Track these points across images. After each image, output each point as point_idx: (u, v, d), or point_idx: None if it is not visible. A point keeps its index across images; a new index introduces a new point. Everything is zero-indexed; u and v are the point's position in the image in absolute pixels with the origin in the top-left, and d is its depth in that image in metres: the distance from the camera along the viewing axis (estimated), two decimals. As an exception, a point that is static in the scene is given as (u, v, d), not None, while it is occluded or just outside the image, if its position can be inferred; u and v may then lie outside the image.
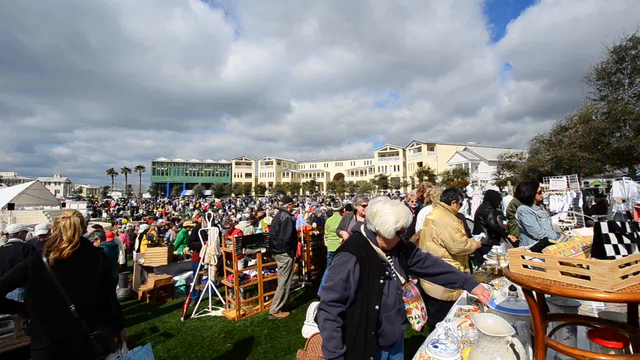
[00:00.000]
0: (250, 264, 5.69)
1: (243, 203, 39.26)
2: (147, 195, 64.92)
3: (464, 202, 8.21)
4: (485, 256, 3.11)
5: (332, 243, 5.97)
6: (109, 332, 2.06)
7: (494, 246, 3.32)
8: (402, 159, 63.20)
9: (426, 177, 46.53)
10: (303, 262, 6.94)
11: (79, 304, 1.96)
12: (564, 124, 19.10)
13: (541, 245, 1.15)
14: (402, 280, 1.69)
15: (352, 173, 70.15)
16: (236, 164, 78.15)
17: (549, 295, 1.30)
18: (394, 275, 1.67)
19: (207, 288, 5.42)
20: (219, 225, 6.36)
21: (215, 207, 32.65)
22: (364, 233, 1.74)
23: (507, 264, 2.55)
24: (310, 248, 7.04)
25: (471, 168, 44.94)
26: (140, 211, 32.49)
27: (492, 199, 4.84)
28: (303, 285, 6.58)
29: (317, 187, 66.37)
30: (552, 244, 1.14)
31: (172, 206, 37.68)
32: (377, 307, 1.56)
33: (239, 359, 3.70)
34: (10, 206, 20.36)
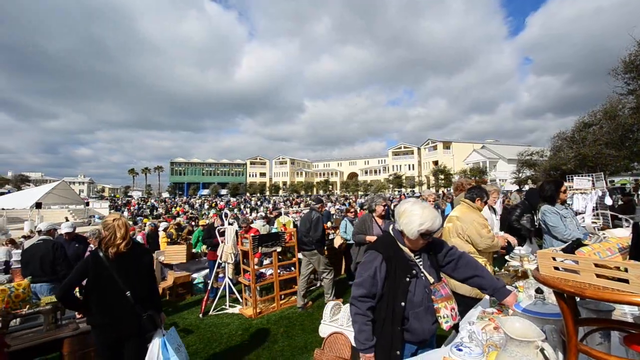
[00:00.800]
0: (265, 262, 5.74)
1: (258, 202, 39.69)
2: (165, 195, 66.64)
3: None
4: (507, 257, 3.02)
5: None
6: (156, 314, 2.45)
7: (516, 247, 3.21)
8: (417, 157, 62.25)
9: (442, 176, 45.66)
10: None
11: (133, 291, 2.34)
12: (587, 120, 18.32)
13: (573, 246, 1.10)
14: (431, 279, 1.71)
15: (366, 172, 69.65)
16: (251, 163, 79.09)
17: (579, 299, 1.26)
18: (421, 274, 1.70)
19: (225, 286, 5.51)
20: (236, 223, 6.45)
21: (230, 207, 33.17)
22: (392, 232, 1.78)
23: (532, 266, 2.47)
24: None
25: (489, 166, 43.79)
26: (160, 210, 33.39)
27: (529, 198, 4.53)
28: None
29: (330, 186, 66.30)
30: (585, 245, 1.09)
31: (188, 205, 38.55)
32: (402, 303, 1.62)
33: (257, 356, 3.74)
34: (38, 205, 21.37)
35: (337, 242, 7.03)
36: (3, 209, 21.77)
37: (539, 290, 1.74)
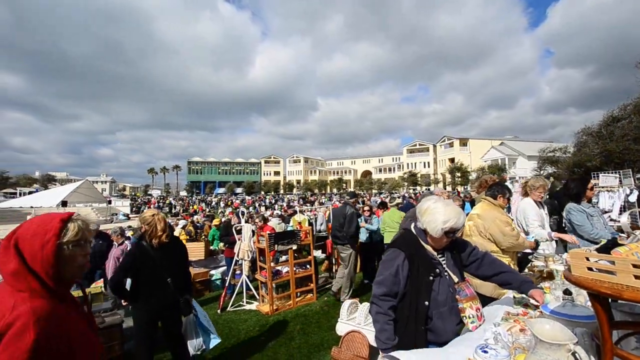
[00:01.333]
0: (280, 260, 5.78)
1: (272, 200, 40.06)
2: (183, 193, 68.23)
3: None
4: (531, 257, 2.93)
5: (389, 236, 6.09)
6: (190, 298, 2.80)
7: (540, 247, 3.10)
8: (433, 155, 61.16)
9: (459, 174, 44.70)
10: (333, 260, 6.95)
11: (173, 277, 2.66)
12: (615, 114, 17.50)
13: (608, 246, 1.05)
14: (455, 279, 1.68)
15: (380, 170, 69.04)
16: (265, 162, 79.83)
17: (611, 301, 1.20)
18: (445, 273, 1.67)
19: (242, 283, 5.59)
20: (253, 218, 6.54)
21: (246, 205, 33.63)
22: (413, 230, 1.74)
23: (557, 266, 2.38)
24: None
25: (508, 164, 42.48)
26: (178, 208, 34.24)
27: (559, 199, 4.00)
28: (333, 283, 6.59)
29: (344, 184, 66.08)
30: (622, 244, 1.04)
31: (204, 203, 39.39)
32: (426, 302, 1.59)
33: (274, 352, 3.78)
34: (64, 203, 22.33)
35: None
36: (32, 207, 22.87)
37: (567, 292, 1.67)
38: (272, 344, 4.00)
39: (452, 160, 53.29)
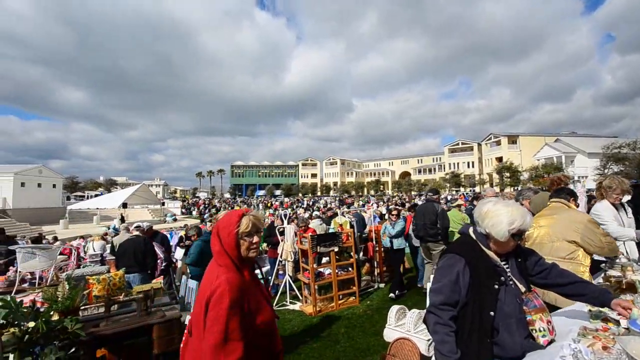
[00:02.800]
0: (322, 261, 5.80)
1: (310, 202, 40.57)
2: (227, 195, 71.73)
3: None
4: (603, 266, 2.63)
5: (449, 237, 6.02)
6: None
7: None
8: (477, 154, 57.72)
9: (507, 174, 41.71)
10: (375, 263, 6.84)
11: None
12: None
13: None
14: (522, 288, 1.54)
15: (419, 171, 66.69)
16: (302, 165, 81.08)
17: None
18: (510, 282, 1.53)
19: (285, 283, 5.72)
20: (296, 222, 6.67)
21: (284, 207, 34.45)
22: (472, 235, 1.62)
23: (638, 276, 2.10)
24: (382, 249, 6.90)
25: (565, 162, 38.74)
26: (222, 210, 36.06)
27: (634, 199, 3.50)
28: (376, 287, 6.48)
29: (382, 186, 64.81)
30: None
31: (246, 205, 41.08)
32: (492, 313, 1.45)
33: (320, 354, 3.80)
34: (124, 205, 24.59)
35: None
36: (97, 208, 25.50)
37: (657, 307, 1.48)
38: (317, 345, 4.02)
39: (499, 159, 49.88)
